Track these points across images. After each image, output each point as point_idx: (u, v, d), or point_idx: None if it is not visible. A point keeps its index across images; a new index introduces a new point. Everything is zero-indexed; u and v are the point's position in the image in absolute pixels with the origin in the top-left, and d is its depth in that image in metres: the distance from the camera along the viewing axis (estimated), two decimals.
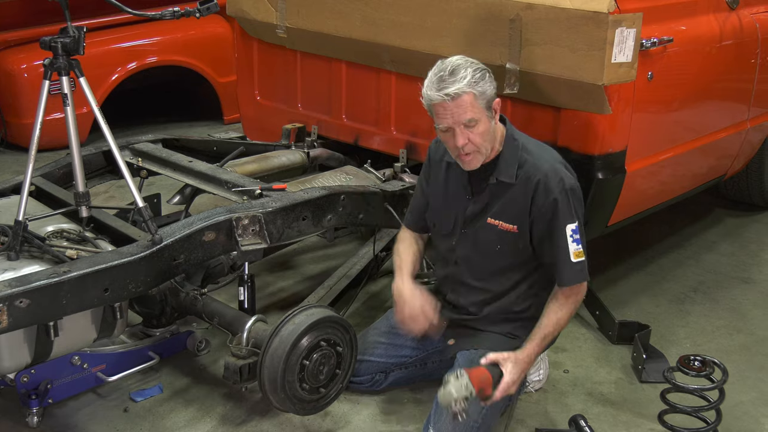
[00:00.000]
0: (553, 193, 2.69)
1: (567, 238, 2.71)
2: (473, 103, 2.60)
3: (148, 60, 5.94)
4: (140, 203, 2.65)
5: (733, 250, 4.47)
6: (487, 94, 2.63)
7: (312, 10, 3.79)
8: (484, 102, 2.63)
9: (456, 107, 2.60)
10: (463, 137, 2.64)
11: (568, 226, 2.71)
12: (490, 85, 2.64)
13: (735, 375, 3.14)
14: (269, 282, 3.96)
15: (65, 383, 2.87)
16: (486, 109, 2.64)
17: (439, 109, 2.63)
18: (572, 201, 2.71)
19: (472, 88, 2.59)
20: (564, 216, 2.70)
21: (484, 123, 2.65)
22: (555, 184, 2.69)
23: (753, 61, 3.97)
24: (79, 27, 2.60)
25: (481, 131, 2.65)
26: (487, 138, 2.68)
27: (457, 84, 2.58)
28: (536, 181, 2.71)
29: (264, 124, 4.29)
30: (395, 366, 3.08)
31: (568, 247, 2.71)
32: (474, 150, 2.68)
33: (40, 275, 2.40)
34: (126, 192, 3.31)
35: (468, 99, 2.59)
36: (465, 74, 2.60)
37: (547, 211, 2.71)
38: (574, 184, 2.74)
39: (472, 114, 2.61)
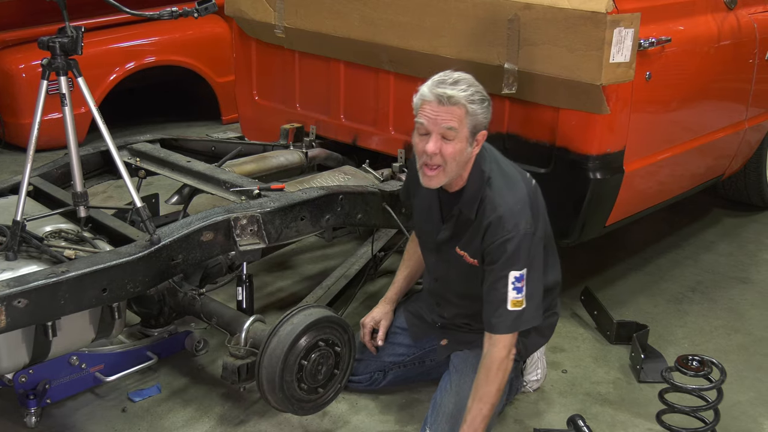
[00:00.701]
0: (502, 236, 2.58)
1: (507, 285, 2.59)
2: (461, 117, 2.54)
3: (146, 60, 5.94)
4: (138, 203, 2.65)
5: (731, 250, 4.48)
6: (477, 117, 2.56)
7: (310, 10, 3.79)
8: (471, 124, 2.56)
9: (444, 111, 2.54)
10: (435, 145, 2.55)
11: (512, 273, 2.59)
12: (484, 112, 2.58)
13: (733, 375, 3.14)
14: (267, 282, 3.96)
15: (63, 383, 2.87)
16: (470, 132, 2.56)
17: (426, 108, 2.57)
18: (522, 247, 2.59)
19: (467, 103, 2.53)
20: (510, 261, 2.58)
21: (462, 143, 2.56)
22: (508, 229, 2.58)
23: (751, 61, 3.97)
24: (77, 27, 2.60)
25: (455, 148, 2.56)
26: (458, 159, 2.58)
27: (455, 91, 2.53)
28: (488, 223, 2.61)
29: (262, 124, 4.29)
30: (393, 365, 3.08)
31: (507, 293, 2.60)
32: (440, 164, 2.58)
33: (38, 275, 2.39)
34: (124, 192, 3.31)
35: (458, 110, 2.53)
36: (467, 89, 2.55)
37: (493, 252, 2.61)
38: (528, 230, 2.60)
39: (456, 125, 2.53)
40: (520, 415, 3.03)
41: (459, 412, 2.69)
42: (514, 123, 3.35)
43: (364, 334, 3.04)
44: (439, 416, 2.73)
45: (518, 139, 3.35)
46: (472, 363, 2.80)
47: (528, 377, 3.10)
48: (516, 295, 2.61)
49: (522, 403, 3.09)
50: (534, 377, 3.12)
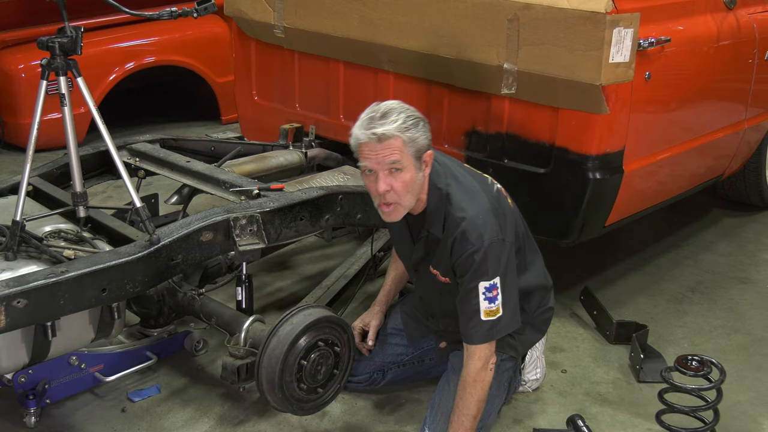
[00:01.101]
0: (468, 249, 2.56)
1: (479, 296, 2.57)
2: (401, 148, 2.49)
3: (145, 60, 5.94)
4: (138, 203, 2.65)
5: (730, 250, 4.48)
6: (417, 142, 2.51)
7: (310, 10, 3.79)
8: (413, 150, 2.51)
9: (382, 149, 2.49)
10: (386, 183, 2.52)
11: (482, 284, 2.57)
12: (422, 134, 2.53)
13: (732, 375, 3.14)
14: (267, 282, 3.96)
15: (63, 383, 2.87)
16: (415, 158, 2.52)
17: (364, 150, 2.52)
18: (490, 257, 2.56)
19: (402, 133, 2.48)
20: (478, 272, 2.57)
21: (410, 171, 2.52)
22: (472, 240, 2.56)
23: (750, 61, 3.97)
24: (77, 27, 2.60)
25: (405, 179, 2.52)
26: (412, 190, 2.56)
27: (387, 126, 2.48)
28: (453, 238, 2.59)
29: (262, 124, 4.29)
30: (392, 364, 3.08)
31: (479, 303, 2.58)
32: (395, 201, 2.55)
33: (38, 275, 2.39)
34: (124, 192, 3.31)
35: (396, 143, 2.48)
36: (397, 118, 2.49)
37: (461, 265, 2.59)
38: (494, 239, 2.57)
39: (399, 157, 2.49)
40: (519, 415, 3.03)
41: (460, 413, 2.69)
42: (513, 123, 3.35)
43: (355, 337, 3.03)
44: (438, 416, 2.74)
45: (518, 139, 3.35)
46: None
47: (527, 376, 3.10)
48: (489, 305, 2.59)
49: (521, 402, 3.09)
50: (533, 376, 3.12)
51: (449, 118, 3.56)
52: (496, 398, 2.82)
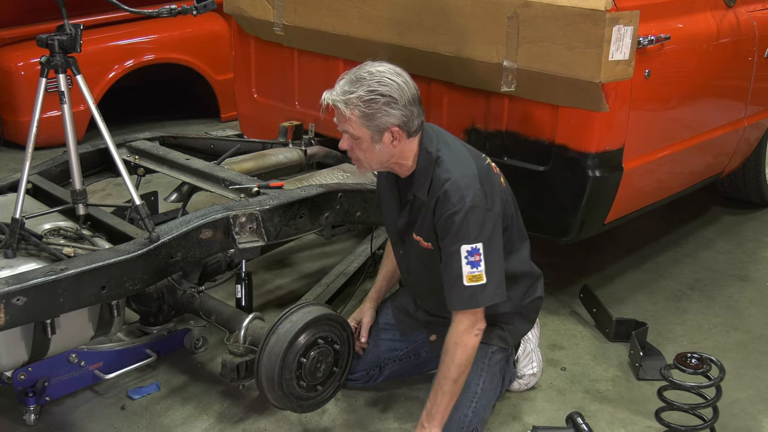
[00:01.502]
0: (449, 209, 2.54)
1: (461, 259, 2.53)
2: (353, 121, 2.53)
3: (145, 58, 5.94)
4: (137, 201, 2.65)
5: (730, 247, 4.48)
6: (376, 119, 2.51)
7: (309, 7, 3.79)
8: (370, 125, 2.53)
9: (338, 115, 2.57)
10: (344, 143, 2.62)
11: (463, 247, 2.53)
12: (384, 112, 2.51)
13: (732, 372, 3.14)
14: (266, 280, 3.96)
15: (62, 381, 2.88)
16: (373, 131, 2.54)
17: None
18: (471, 220, 2.53)
19: (352, 107, 2.51)
20: (460, 234, 2.53)
21: (366, 143, 2.56)
22: (453, 201, 2.54)
23: (750, 59, 3.97)
24: (76, 24, 2.59)
25: (363, 147, 2.58)
26: (374, 157, 2.60)
27: (339, 96, 2.52)
28: (437, 197, 2.58)
29: (261, 122, 4.29)
30: (388, 359, 3.08)
31: (461, 267, 2.53)
32: (355, 159, 2.65)
33: (37, 273, 2.39)
34: (123, 190, 3.31)
35: (346, 114, 2.53)
36: (356, 90, 2.50)
37: (443, 227, 2.57)
38: (477, 202, 2.54)
39: (350, 129, 2.55)
40: (518, 412, 3.03)
41: (453, 409, 2.69)
42: (513, 121, 3.35)
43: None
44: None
45: (517, 137, 3.35)
46: None
47: (524, 371, 3.10)
48: (471, 269, 2.54)
49: (520, 400, 3.09)
50: (530, 371, 3.12)
51: (449, 116, 3.56)
52: (490, 391, 2.81)
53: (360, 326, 3.07)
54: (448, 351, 2.61)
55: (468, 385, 2.73)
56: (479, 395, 2.75)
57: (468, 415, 2.71)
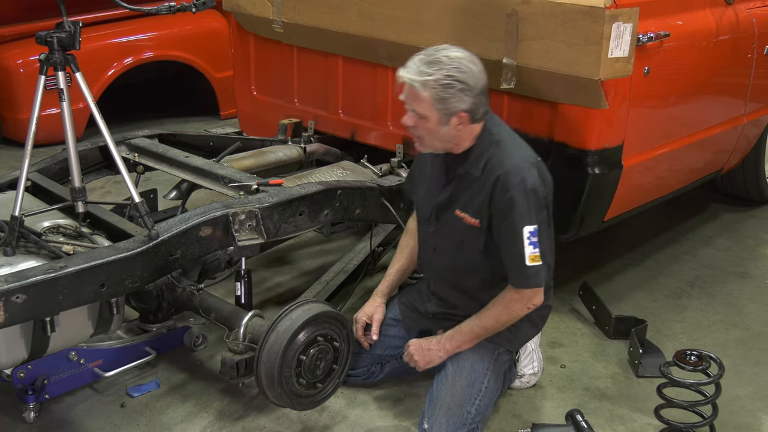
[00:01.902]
0: (509, 192, 2.61)
1: (523, 240, 2.62)
2: (426, 101, 2.59)
3: (144, 55, 5.93)
4: (137, 198, 2.64)
5: (729, 245, 4.48)
6: (448, 103, 2.58)
7: (308, 5, 3.78)
8: (441, 108, 2.59)
9: (409, 94, 2.63)
10: (408, 120, 2.67)
11: (526, 228, 2.61)
12: (458, 98, 2.57)
13: (731, 370, 3.15)
14: (266, 277, 3.96)
15: (62, 379, 2.88)
16: (441, 114, 2.60)
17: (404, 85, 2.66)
18: (531, 202, 2.62)
19: (428, 89, 2.56)
20: (521, 216, 2.61)
21: (433, 123, 2.62)
22: (514, 183, 2.61)
23: (749, 56, 3.97)
24: (75, 22, 2.59)
25: (428, 127, 2.64)
26: (437, 137, 2.66)
27: (418, 76, 2.58)
28: (496, 177, 2.64)
29: (260, 120, 4.29)
30: (390, 357, 3.08)
31: (523, 248, 2.62)
32: (417, 137, 2.70)
33: (37, 271, 2.39)
34: (122, 187, 3.31)
35: (421, 94, 2.59)
36: (434, 73, 2.56)
37: (503, 208, 2.64)
38: (536, 185, 2.63)
39: (419, 109, 2.61)
40: (518, 410, 3.03)
41: (456, 405, 2.70)
42: (512, 118, 3.35)
43: (357, 329, 3.04)
44: (437, 409, 2.74)
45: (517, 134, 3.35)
46: (467, 355, 2.82)
47: (524, 370, 3.10)
48: (534, 250, 2.63)
49: (520, 398, 3.10)
50: (530, 370, 3.12)
51: None
52: (493, 391, 2.83)
53: (371, 321, 3.05)
54: (496, 304, 2.75)
55: (473, 383, 2.75)
56: (483, 393, 2.76)
57: (471, 412, 2.72)
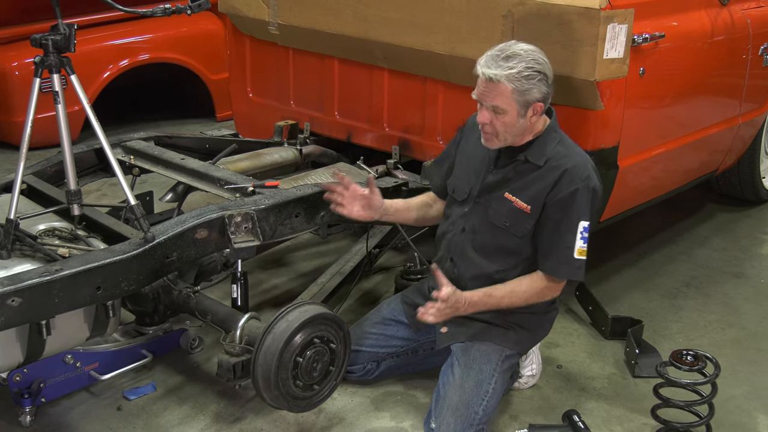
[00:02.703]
0: (576, 184, 2.70)
1: (577, 233, 2.71)
2: (507, 95, 2.63)
3: (140, 57, 5.92)
4: (132, 201, 2.64)
5: (725, 245, 4.49)
6: (528, 94, 2.64)
7: (304, 6, 3.78)
8: (520, 99, 2.64)
9: (489, 90, 2.65)
10: (485, 117, 2.69)
11: (581, 223, 2.71)
12: (537, 88, 2.65)
13: (727, 369, 3.15)
14: (262, 279, 3.95)
15: (58, 382, 2.87)
16: (520, 105, 2.65)
17: (479, 82, 2.68)
18: (592, 199, 2.73)
19: (512, 82, 2.61)
20: (581, 210, 2.71)
21: (511, 116, 2.67)
22: (581, 177, 2.71)
23: (744, 57, 3.98)
24: (70, 24, 2.59)
25: (505, 121, 2.67)
26: (511, 131, 2.70)
27: (501, 71, 2.61)
28: (564, 169, 2.72)
29: (256, 122, 4.29)
30: (387, 355, 3.09)
31: (575, 241, 2.71)
32: (491, 133, 2.71)
33: (32, 274, 2.39)
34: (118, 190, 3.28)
35: (503, 88, 2.62)
36: (515, 66, 2.62)
37: (565, 199, 2.71)
38: (598, 186, 2.75)
39: (501, 103, 2.64)
40: (515, 410, 3.03)
41: (464, 405, 2.71)
42: None
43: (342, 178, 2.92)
44: (444, 409, 2.74)
45: None
46: (475, 356, 2.82)
47: (523, 371, 3.11)
48: (582, 244, 2.72)
49: (517, 398, 3.10)
50: (529, 372, 3.13)
51: (444, 114, 3.56)
52: (500, 392, 2.84)
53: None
54: (524, 281, 2.79)
55: (480, 384, 2.76)
56: (490, 394, 2.77)
57: (479, 413, 2.72)
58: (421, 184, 3.47)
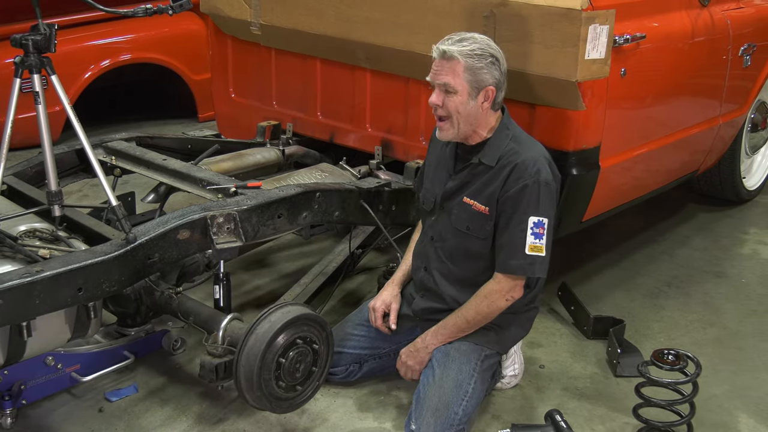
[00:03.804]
0: (523, 180, 2.71)
1: (527, 228, 2.71)
2: (459, 73, 2.66)
3: (121, 57, 5.89)
4: (114, 202, 2.63)
5: (705, 244, 4.52)
6: (479, 75, 2.67)
7: (286, 7, 3.78)
8: (472, 80, 2.68)
9: (442, 66, 2.68)
10: (437, 98, 2.71)
11: (532, 218, 2.71)
12: (488, 71, 2.69)
13: (708, 368, 3.17)
14: (245, 280, 3.94)
15: (39, 384, 2.85)
16: (471, 87, 2.68)
17: (433, 63, 2.71)
18: (542, 194, 2.71)
19: (464, 58, 2.65)
20: (529, 205, 2.71)
21: (462, 96, 2.69)
22: (529, 173, 2.71)
23: (724, 58, 4.01)
24: (51, 24, 2.57)
25: (455, 102, 2.69)
26: (463, 113, 2.72)
27: (454, 46, 2.65)
28: (512, 166, 2.73)
29: (239, 122, 4.28)
30: (369, 357, 3.09)
31: (525, 236, 2.71)
32: (445, 116, 2.73)
33: (13, 275, 2.37)
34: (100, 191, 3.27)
35: (455, 65, 2.66)
36: (468, 45, 2.67)
37: (514, 195, 2.72)
38: (549, 180, 2.74)
39: (452, 80, 2.67)
40: (497, 410, 3.04)
41: (443, 406, 2.71)
42: None
43: (377, 318, 3.05)
44: (424, 410, 2.74)
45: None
46: (454, 356, 2.83)
47: (505, 372, 3.11)
48: (534, 240, 2.71)
49: (500, 398, 3.10)
50: (511, 372, 3.14)
51: (427, 115, 3.56)
52: (480, 392, 2.84)
53: (389, 310, 3.06)
54: (477, 296, 2.82)
55: (460, 384, 2.77)
56: (470, 395, 2.78)
57: (458, 413, 2.72)
58: (403, 185, 3.47)
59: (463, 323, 2.84)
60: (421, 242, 3.06)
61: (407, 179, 3.50)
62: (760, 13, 4.31)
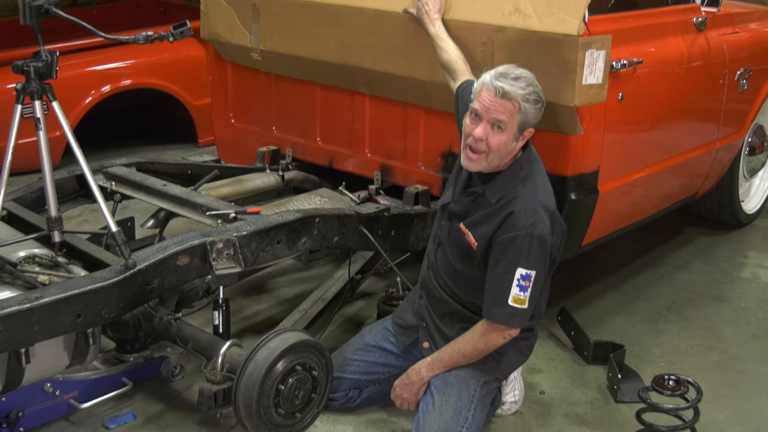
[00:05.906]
0: (516, 231, 2.68)
1: (513, 279, 2.68)
2: (512, 113, 2.65)
3: (122, 83, 5.92)
4: (113, 227, 2.63)
5: (705, 268, 4.51)
6: (528, 116, 2.67)
7: (286, 33, 3.80)
8: (521, 120, 2.67)
9: (498, 104, 2.65)
10: (484, 131, 2.68)
11: (519, 270, 2.68)
12: (535, 112, 2.69)
13: (709, 393, 3.16)
14: (244, 306, 3.94)
15: (37, 411, 2.84)
16: (518, 128, 2.68)
17: (483, 94, 2.68)
18: (534, 248, 2.67)
19: (522, 101, 2.65)
20: (519, 257, 2.67)
21: (508, 136, 2.68)
22: (523, 224, 2.68)
23: (721, 82, 4.03)
24: (52, 51, 2.59)
25: (500, 139, 2.68)
26: (502, 151, 2.71)
27: (515, 88, 2.64)
28: (507, 213, 2.71)
29: (238, 147, 4.29)
30: (369, 382, 3.08)
31: (510, 287, 2.68)
32: (483, 151, 2.70)
33: (12, 301, 2.37)
34: (99, 216, 3.28)
35: (511, 106, 2.65)
36: (525, 87, 2.66)
37: (504, 243, 2.70)
38: (544, 234, 2.69)
39: (506, 119, 2.65)
40: None
41: None
42: None
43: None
44: None
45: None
46: (453, 383, 2.83)
47: (505, 398, 3.10)
48: (519, 292, 2.69)
49: (500, 425, 3.09)
50: (511, 398, 3.12)
51: (426, 140, 3.57)
52: (480, 419, 2.83)
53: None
54: (475, 331, 2.81)
55: (459, 411, 2.76)
56: (470, 422, 2.77)
57: None
58: (403, 210, 3.48)
59: (459, 357, 2.83)
60: (431, 243, 3.08)
61: (406, 204, 3.51)
62: (756, 37, 4.34)
